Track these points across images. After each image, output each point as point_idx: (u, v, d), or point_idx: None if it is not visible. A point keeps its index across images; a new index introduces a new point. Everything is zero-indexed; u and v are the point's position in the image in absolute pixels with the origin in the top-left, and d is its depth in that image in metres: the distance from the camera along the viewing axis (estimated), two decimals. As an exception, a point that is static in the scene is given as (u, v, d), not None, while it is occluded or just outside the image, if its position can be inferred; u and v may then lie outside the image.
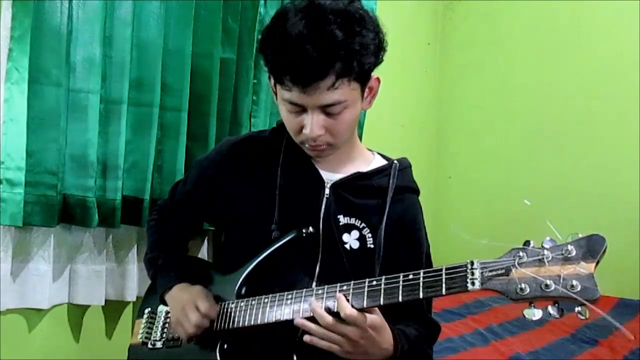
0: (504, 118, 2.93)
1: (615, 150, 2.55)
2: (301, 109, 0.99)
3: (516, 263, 0.76)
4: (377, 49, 0.99)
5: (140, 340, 1.20)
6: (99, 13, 1.47)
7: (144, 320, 1.24)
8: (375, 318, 0.91)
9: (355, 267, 1.06)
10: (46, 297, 1.51)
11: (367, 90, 1.04)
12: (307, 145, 1.04)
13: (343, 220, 1.07)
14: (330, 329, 0.89)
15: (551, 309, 0.74)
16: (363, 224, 1.08)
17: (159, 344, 1.16)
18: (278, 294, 0.98)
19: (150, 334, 1.19)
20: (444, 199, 3.05)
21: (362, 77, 0.99)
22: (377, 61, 1.01)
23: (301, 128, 1.01)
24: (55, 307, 1.57)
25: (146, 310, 1.25)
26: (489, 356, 1.60)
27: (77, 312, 1.63)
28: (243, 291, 1.07)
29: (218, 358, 1.03)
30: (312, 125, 0.99)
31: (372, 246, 1.07)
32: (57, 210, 1.45)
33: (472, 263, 0.80)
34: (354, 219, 1.08)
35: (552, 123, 2.73)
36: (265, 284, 1.05)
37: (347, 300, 0.88)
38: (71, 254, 1.57)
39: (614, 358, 1.65)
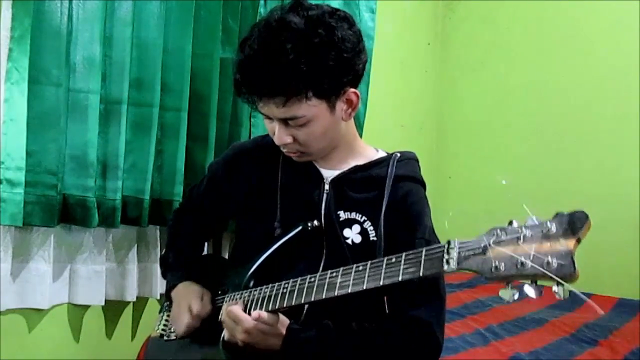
0: (504, 118, 2.92)
1: (615, 150, 2.54)
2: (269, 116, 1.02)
3: (492, 242, 0.73)
4: (341, 69, 0.97)
5: (158, 332, 1.25)
6: (99, 13, 1.47)
7: (162, 315, 1.28)
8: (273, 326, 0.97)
9: (359, 261, 1.05)
10: (46, 297, 1.51)
11: (344, 103, 1.03)
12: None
13: (343, 215, 1.08)
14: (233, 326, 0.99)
15: (527, 289, 0.70)
16: (364, 217, 1.07)
17: (173, 336, 1.21)
18: (276, 284, 1.00)
19: (167, 326, 1.24)
20: (444, 199, 3.04)
21: (323, 95, 0.98)
22: (343, 80, 0.99)
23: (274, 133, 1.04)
24: (55, 307, 1.58)
25: (165, 305, 1.29)
26: (489, 356, 1.60)
27: (77, 312, 1.63)
28: (250, 285, 1.09)
29: (221, 348, 1.04)
30: (277, 134, 1.02)
31: (374, 239, 1.06)
32: (57, 210, 1.45)
33: (449, 243, 0.78)
34: (354, 213, 1.07)
35: (552, 123, 2.73)
36: (273, 279, 1.05)
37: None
38: (71, 254, 1.57)
39: (614, 358, 1.65)
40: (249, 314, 0.98)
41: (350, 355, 1.01)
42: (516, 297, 0.72)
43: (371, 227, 1.07)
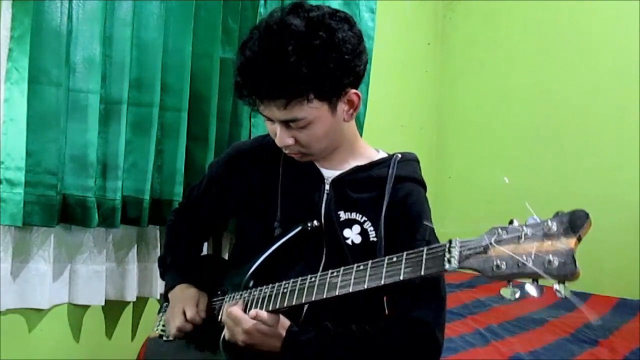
0: (504, 118, 2.92)
1: (615, 150, 2.54)
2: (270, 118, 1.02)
3: (493, 240, 0.74)
4: (342, 71, 0.97)
5: (158, 333, 1.25)
6: (99, 13, 1.47)
7: (161, 315, 1.28)
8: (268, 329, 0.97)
9: (359, 262, 1.04)
10: (46, 297, 1.51)
11: (345, 103, 1.03)
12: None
13: (344, 216, 1.08)
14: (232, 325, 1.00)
15: (529, 287, 0.71)
16: (364, 218, 1.07)
17: (172, 337, 1.20)
18: (277, 284, 1.00)
19: (166, 327, 1.24)
20: (444, 199, 3.04)
21: (324, 96, 0.98)
22: (345, 81, 0.99)
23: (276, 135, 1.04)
24: (55, 307, 1.58)
25: (164, 305, 1.29)
26: (489, 356, 1.60)
27: (77, 312, 1.63)
28: (250, 285, 1.09)
29: (221, 347, 1.04)
30: (279, 135, 1.02)
31: (374, 239, 1.06)
32: (57, 210, 1.45)
33: (450, 242, 0.78)
34: (354, 213, 1.07)
35: (552, 123, 2.73)
36: (273, 279, 1.05)
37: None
38: (71, 254, 1.57)
39: (614, 358, 1.65)
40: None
41: (349, 356, 1.00)
42: (517, 295, 0.72)
43: (371, 228, 1.07)
